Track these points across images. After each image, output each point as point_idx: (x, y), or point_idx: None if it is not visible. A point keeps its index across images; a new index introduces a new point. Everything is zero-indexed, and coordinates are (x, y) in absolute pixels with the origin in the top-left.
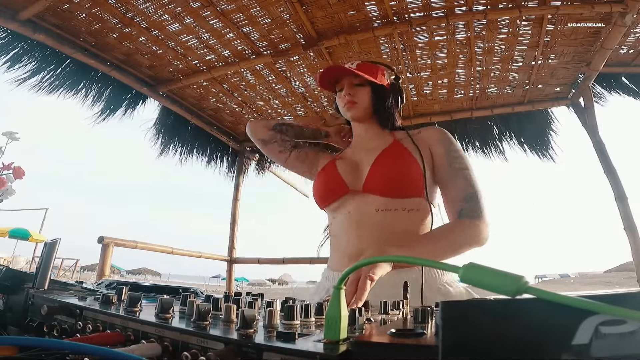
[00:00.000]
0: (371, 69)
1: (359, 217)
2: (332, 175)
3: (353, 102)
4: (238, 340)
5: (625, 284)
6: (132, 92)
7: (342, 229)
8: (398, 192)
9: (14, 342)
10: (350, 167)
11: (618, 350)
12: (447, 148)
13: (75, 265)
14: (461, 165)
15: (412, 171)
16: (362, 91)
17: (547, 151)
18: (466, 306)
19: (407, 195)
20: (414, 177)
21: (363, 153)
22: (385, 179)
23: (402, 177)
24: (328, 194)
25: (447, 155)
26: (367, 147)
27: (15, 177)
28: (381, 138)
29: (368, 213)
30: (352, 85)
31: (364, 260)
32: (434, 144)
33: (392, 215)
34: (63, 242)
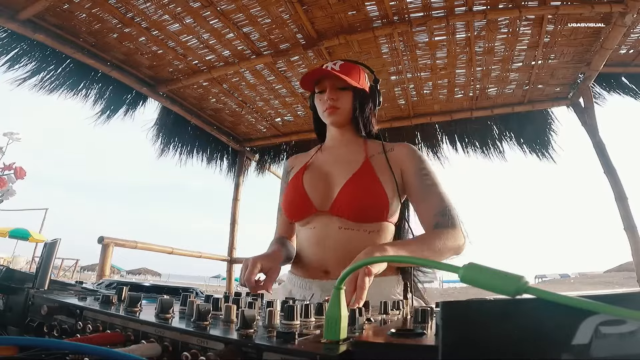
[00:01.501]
0: (353, 71)
1: (323, 234)
2: (299, 193)
3: (335, 108)
4: (238, 340)
5: (625, 284)
6: (133, 92)
7: (307, 241)
8: (362, 219)
9: (14, 342)
10: (318, 183)
11: (618, 350)
12: (417, 166)
13: (75, 265)
14: (432, 182)
15: (378, 201)
16: (344, 96)
17: (547, 151)
18: (466, 306)
19: (370, 221)
20: (379, 206)
21: (334, 165)
22: (352, 207)
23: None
24: (296, 212)
25: (418, 173)
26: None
27: (16, 178)
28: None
29: (331, 231)
30: (335, 88)
31: (363, 260)
32: (405, 162)
33: (353, 234)
34: (63, 242)
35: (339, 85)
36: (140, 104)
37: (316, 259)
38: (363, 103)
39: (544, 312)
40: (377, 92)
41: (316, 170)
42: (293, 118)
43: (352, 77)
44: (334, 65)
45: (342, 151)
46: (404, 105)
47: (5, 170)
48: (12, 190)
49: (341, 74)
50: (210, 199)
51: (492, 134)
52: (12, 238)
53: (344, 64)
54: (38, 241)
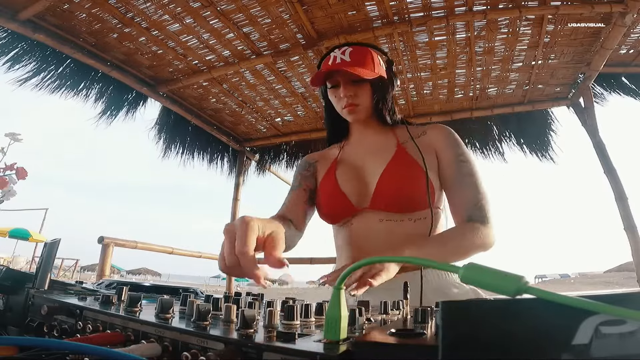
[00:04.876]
0: (366, 58)
1: (363, 229)
2: (337, 195)
3: (355, 105)
4: (238, 340)
5: (625, 284)
6: (133, 92)
7: (345, 240)
8: (405, 208)
9: (14, 342)
10: (353, 180)
11: (618, 350)
12: (455, 153)
13: (75, 265)
14: (469, 171)
15: (419, 187)
16: (361, 90)
17: (547, 152)
18: (466, 306)
19: (413, 210)
20: (421, 192)
21: (366, 157)
22: (393, 198)
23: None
24: (335, 215)
25: (456, 160)
26: (370, 149)
27: (18, 178)
28: (382, 136)
29: (372, 224)
30: (350, 82)
31: (364, 260)
32: (442, 148)
33: (396, 224)
34: (63, 242)
35: (353, 77)
36: (140, 104)
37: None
38: (383, 93)
39: (544, 312)
40: (393, 75)
41: (348, 165)
42: (293, 118)
43: (366, 67)
44: (342, 55)
45: (371, 142)
46: (404, 105)
47: (7, 171)
48: (13, 190)
49: (354, 65)
50: (210, 199)
51: (492, 134)
52: (12, 238)
53: (354, 51)
54: (38, 241)
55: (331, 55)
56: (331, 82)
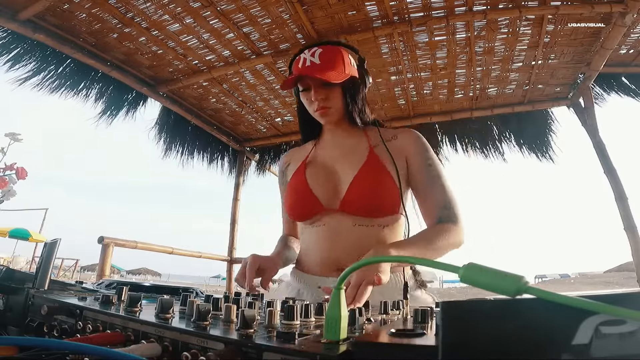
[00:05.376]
0: (336, 59)
1: (335, 232)
2: (304, 193)
3: (326, 108)
4: (238, 340)
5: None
6: (133, 92)
7: (316, 239)
8: (375, 214)
9: (14, 342)
10: (323, 180)
11: (618, 350)
12: (423, 157)
13: (75, 265)
14: (437, 173)
15: (390, 193)
16: (333, 92)
17: (547, 152)
18: (466, 306)
19: (383, 215)
20: (391, 199)
21: (338, 159)
22: (364, 204)
23: (380, 201)
24: (303, 213)
25: (424, 164)
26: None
27: (18, 178)
28: (355, 138)
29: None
30: (320, 85)
31: (364, 260)
32: (411, 153)
33: (367, 229)
34: (63, 242)
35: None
36: (140, 104)
37: (327, 256)
38: (354, 94)
39: (544, 312)
40: (365, 73)
41: (318, 165)
42: (293, 118)
43: (336, 68)
44: (312, 57)
45: (343, 144)
46: (404, 105)
47: (7, 171)
48: (13, 190)
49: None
50: (210, 199)
51: (492, 134)
52: (12, 238)
53: (323, 53)
54: (38, 241)
55: (301, 57)
56: (302, 85)
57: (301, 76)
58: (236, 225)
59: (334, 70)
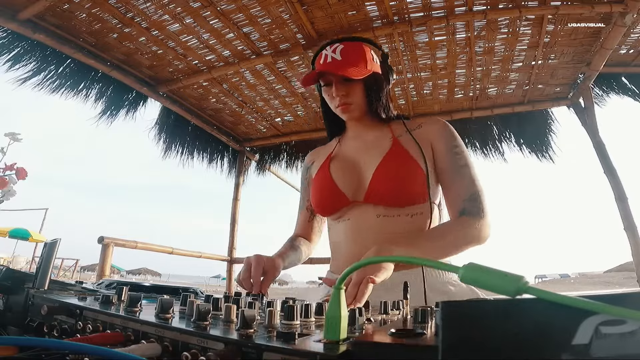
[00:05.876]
0: (358, 55)
1: (360, 224)
2: (328, 186)
3: (347, 104)
4: (238, 340)
5: (625, 284)
6: (133, 92)
7: (342, 235)
8: (401, 202)
9: (14, 342)
10: (347, 173)
11: (618, 350)
12: (449, 144)
13: (75, 265)
14: (464, 163)
15: (416, 180)
16: (354, 88)
17: (547, 152)
18: (466, 306)
19: (410, 204)
20: (417, 186)
21: (361, 152)
22: (389, 192)
23: (406, 188)
24: (328, 207)
25: (450, 152)
26: (365, 145)
27: (18, 178)
28: (378, 132)
29: (369, 220)
30: (342, 81)
31: (364, 260)
32: (436, 140)
33: (393, 220)
34: (63, 242)
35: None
36: (140, 104)
37: (353, 251)
38: (377, 90)
39: (544, 312)
40: (388, 69)
41: (343, 159)
42: (293, 118)
43: (358, 64)
44: (333, 54)
45: (367, 137)
46: (404, 105)
47: (7, 171)
48: (13, 190)
49: (345, 64)
50: (210, 199)
51: (492, 134)
52: (12, 238)
53: (344, 49)
54: (38, 241)
55: (322, 54)
56: (324, 80)
57: (322, 72)
58: (236, 225)
59: (355, 67)
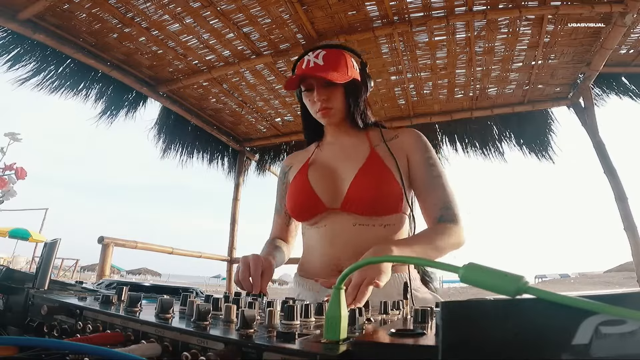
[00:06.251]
0: (339, 61)
1: (335, 231)
2: (306, 192)
3: (328, 109)
4: (238, 340)
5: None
6: (133, 92)
7: (317, 240)
8: (376, 212)
9: (14, 342)
10: (325, 180)
11: (618, 350)
12: (425, 156)
13: (75, 265)
14: (438, 173)
15: (391, 191)
16: (335, 93)
17: (547, 152)
18: (466, 306)
19: (384, 214)
20: (392, 197)
21: (339, 159)
22: (365, 201)
23: (382, 198)
24: (304, 212)
25: (426, 163)
26: (343, 152)
27: (18, 178)
28: (355, 139)
29: (344, 227)
30: (323, 86)
31: (363, 260)
32: (412, 151)
33: (368, 229)
34: (63, 242)
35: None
36: (140, 104)
37: (329, 258)
38: (356, 96)
39: (544, 312)
40: (367, 76)
41: (321, 166)
42: (293, 118)
43: (339, 70)
44: (316, 59)
45: (344, 144)
46: (404, 105)
47: (6, 171)
48: (13, 191)
49: (326, 69)
50: (210, 199)
51: (492, 134)
52: (12, 238)
53: (327, 55)
54: (38, 241)
55: (305, 59)
56: (305, 85)
57: (304, 77)
58: (236, 225)
59: (337, 72)
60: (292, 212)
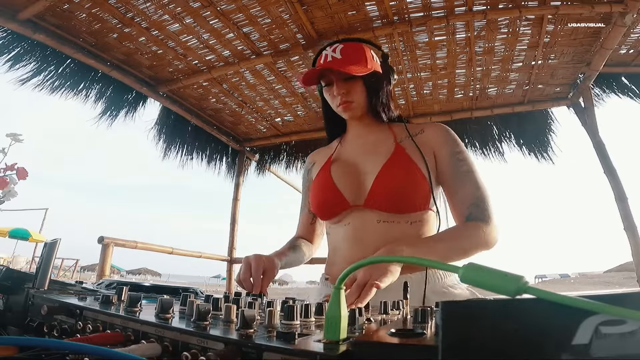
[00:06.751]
0: (358, 54)
1: (360, 229)
2: (329, 189)
3: (349, 103)
4: (238, 340)
5: (625, 284)
6: (133, 93)
7: (341, 239)
8: (402, 209)
9: (14, 342)
10: (349, 177)
11: (618, 350)
12: (452, 150)
13: (75, 265)
14: (468, 168)
15: (417, 188)
16: (355, 87)
17: (547, 152)
18: (466, 306)
19: (410, 211)
20: (419, 194)
21: (362, 155)
22: (390, 198)
23: (407, 195)
24: (328, 210)
25: (454, 158)
26: (367, 147)
27: (19, 178)
28: (379, 133)
29: (369, 225)
30: (343, 80)
31: (367, 259)
32: (439, 146)
33: (393, 226)
34: (63, 242)
35: (345, 75)
36: (140, 104)
37: (351, 256)
38: (377, 88)
39: (544, 312)
40: (389, 69)
41: (344, 162)
42: (293, 118)
43: (358, 63)
44: (334, 53)
45: (368, 139)
46: (404, 105)
47: (7, 171)
48: (14, 191)
49: (344, 62)
50: (210, 199)
51: (492, 134)
52: (12, 238)
53: (344, 48)
54: (38, 241)
55: (323, 54)
56: (324, 80)
57: (323, 71)
58: (236, 225)
59: (356, 65)
60: (315, 210)
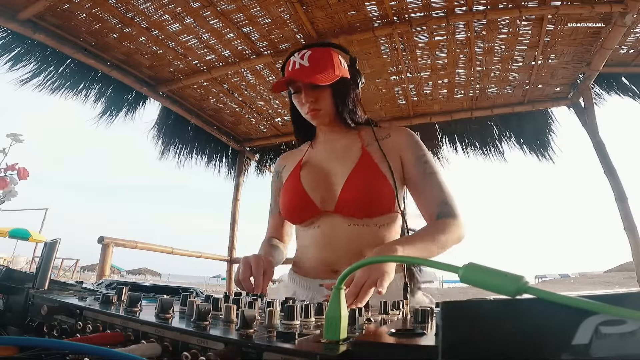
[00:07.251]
0: (325, 60)
1: (329, 233)
2: (299, 194)
3: (317, 110)
4: (238, 340)
5: (625, 284)
6: (133, 93)
7: (311, 241)
8: (370, 213)
9: (14, 342)
10: (318, 182)
11: (618, 350)
12: (417, 154)
13: (75, 265)
14: (432, 170)
15: (383, 193)
16: (322, 94)
17: (547, 152)
18: (466, 306)
19: (377, 215)
20: (385, 198)
21: (331, 160)
22: (359, 203)
23: (375, 200)
24: (299, 215)
25: (419, 161)
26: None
27: (19, 178)
28: (347, 139)
29: (338, 229)
30: (310, 88)
31: (365, 260)
32: (404, 150)
33: (362, 230)
34: (63, 242)
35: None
36: (140, 104)
37: (323, 258)
38: (344, 95)
39: (544, 312)
40: (357, 73)
41: (313, 167)
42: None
43: (325, 70)
44: (301, 60)
45: (336, 145)
46: (404, 105)
47: (8, 171)
48: (15, 191)
49: (312, 70)
50: (210, 199)
51: (492, 134)
52: (12, 238)
53: (312, 55)
54: (38, 241)
55: (291, 61)
56: (293, 87)
57: (291, 79)
58: (236, 225)
59: (323, 73)
60: (285, 215)
